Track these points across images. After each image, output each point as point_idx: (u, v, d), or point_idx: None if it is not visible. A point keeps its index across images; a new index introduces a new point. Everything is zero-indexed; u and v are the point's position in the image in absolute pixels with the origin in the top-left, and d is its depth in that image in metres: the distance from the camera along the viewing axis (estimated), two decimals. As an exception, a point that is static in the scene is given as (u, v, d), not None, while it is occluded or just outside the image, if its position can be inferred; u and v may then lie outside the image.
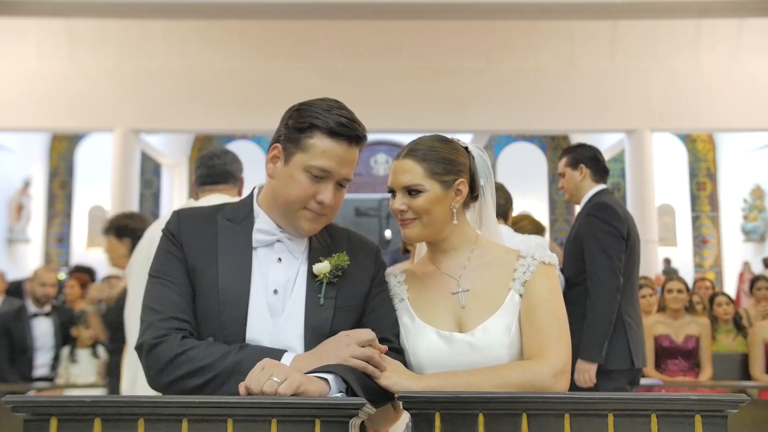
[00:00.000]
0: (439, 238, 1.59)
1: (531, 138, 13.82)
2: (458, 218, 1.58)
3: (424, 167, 1.53)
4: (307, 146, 1.41)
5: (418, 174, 1.53)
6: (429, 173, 1.53)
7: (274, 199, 1.47)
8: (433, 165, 1.54)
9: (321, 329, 1.44)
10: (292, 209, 1.44)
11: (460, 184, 1.56)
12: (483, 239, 1.63)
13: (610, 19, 9.80)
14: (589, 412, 1.14)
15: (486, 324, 1.50)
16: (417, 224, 1.55)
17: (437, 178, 1.53)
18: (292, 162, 1.43)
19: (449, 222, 1.57)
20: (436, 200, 1.53)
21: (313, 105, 1.44)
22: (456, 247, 1.60)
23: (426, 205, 1.53)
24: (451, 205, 1.56)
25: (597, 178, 3.34)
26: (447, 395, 1.18)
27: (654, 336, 4.76)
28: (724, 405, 1.13)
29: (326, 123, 1.40)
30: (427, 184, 1.53)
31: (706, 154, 13.48)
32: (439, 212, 1.54)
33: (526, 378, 1.40)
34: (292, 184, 1.42)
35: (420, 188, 1.53)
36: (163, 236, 1.49)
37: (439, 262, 1.61)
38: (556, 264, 1.57)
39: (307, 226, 1.46)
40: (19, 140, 12.39)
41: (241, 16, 9.22)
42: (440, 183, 1.54)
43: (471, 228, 1.64)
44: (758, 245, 12.26)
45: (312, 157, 1.41)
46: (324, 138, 1.41)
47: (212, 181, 2.74)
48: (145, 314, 1.41)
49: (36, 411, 1.13)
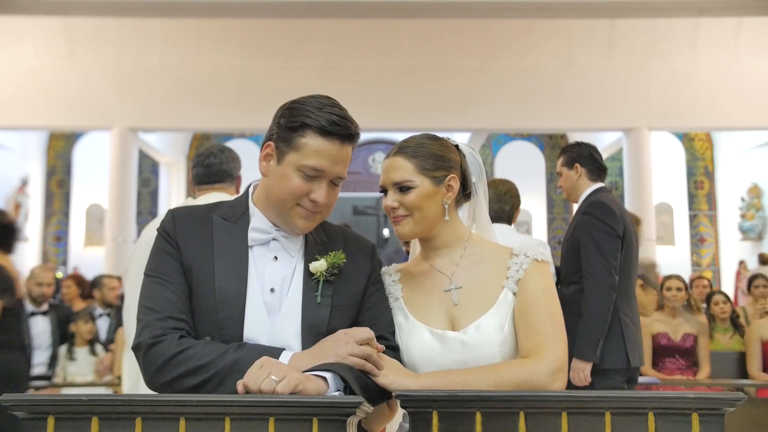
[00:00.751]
0: (431, 234, 1.59)
1: (529, 137, 13.82)
2: (450, 215, 1.58)
3: (414, 163, 1.54)
4: (300, 145, 1.41)
5: (408, 170, 1.54)
6: (419, 169, 1.54)
7: (267, 197, 1.47)
8: (423, 161, 1.54)
9: (318, 327, 1.44)
10: (286, 207, 1.44)
11: (451, 180, 1.57)
12: (476, 237, 1.63)
13: (608, 18, 9.81)
14: (587, 410, 1.14)
15: (479, 322, 1.50)
16: (409, 221, 1.56)
17: (427, 173, 1.54)
18: (285, 161, 1.42)
19: (441, 218, 1.57)
20: (427, 196, 1.54)
21: (305, 103, 1.43)
22: (448, 244, 1.60)
23: (417, 200, 1.54)
24: (442, 201, 1.56)
25: (594, 177, 3.34)
26: (444, 394, 1.18)
27: (652, 334, 4.76)
28: (721, 403, 1.13)
29: (318, 122, 1.40)
30: (418, 180, 1.54)
31: (704, 152, 13.50)
32: (431, 208, 1.55)
33: (523, 377, 1.40)
34: (285, 183, 1.42)
35: (410, 184, 1.54)
36: (158, 235, 1.48)
37: (431, 260, 1.62)
38: (550, 261, 1.58)
39: (302, 224, 1.46)
40: (17, 138, 12.37)
41: (239, 15, 9.21)
42: (430, 179, 1.54)
43: (463, 226, 1.64)
44: (756, 244, 12.28)
45: (304, 157, 1.40)
46: (316, 137, 1.40)
47: (209, 181, 2.72)
48: (142, 314, 1.41)
49: (33, 410, 1.13)
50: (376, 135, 12.61)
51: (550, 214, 13.59)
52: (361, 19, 9.44)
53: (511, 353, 1.51)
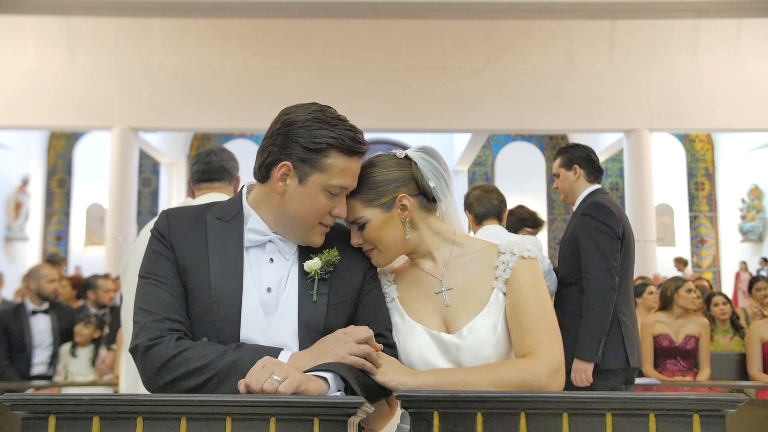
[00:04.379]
0: (406, 251, 1.60)
1: (530, 137, 13.84)
2: (419, 226, 1.58)
3: (360, 199, 1.54)
4: (326, 166, 1.41)
5: (356, 208, 1.54)
6: (365, 203, 1.54)
7: (282, 214, 1.46)
8: (366, 194, 1.54)
9: (315, 326, 1.44)
10: (309, 226, 1.45)
11: (402, 199, 1.55)
12: (461, 236, 1.63)
13: (609, 20, 9.82)
14: (588, 411, 1.14)
15: (472, 324, 1.51)
16: (377, 252, 1.56)
17: (374, 204, 1.54)
18: (309, 182, 1.42)
19: (404, 238, 1.57)
20: (383, 224, 1.54)
21: (318, 120, 1.42)
22: (431, 249, 1.60)
23: (375, 233, 1.54)
24: (401, 222, 1.56)
25: (591, 179, 3.36)
26: (445, 394, 1.18)
27: (653, 335, 4.76)
28: (722, 405, 1.13)
29: (342, 142, 1.41)
30: (368, 213, 1.53)
31: (705, 154, 13.50)
32: (391, 234, 1.55)
33: (522, 377, 1.40)
34: (311, 203, 1.43)
35: (362, 220, 1.54)
36: (152, 237, 1.48)
37: (420, 264, 1.62)
38: (537, 257, 1.57)
39: (319, 239, 1.49)
40: (18, 138, 12.38)
41: (239, 15, 9.22)
42: (379, 207, 1.54)
43: (444, 225, 1.62)
44: (756, 245, 12.29)
45: (331, 177, 1.42)
46: (341, 156, 1.42)
47: (209, 178, 2.73)
48: (138, 316, 1.40)
49: (34, 409, 1.13)
50: (376, 135, 12.62)
51: (550, 215, 13.60)
52: (361, 19, 9.45)
53: (505, 353, 1.51)
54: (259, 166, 1.46)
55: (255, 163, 1.48)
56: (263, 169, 1.45)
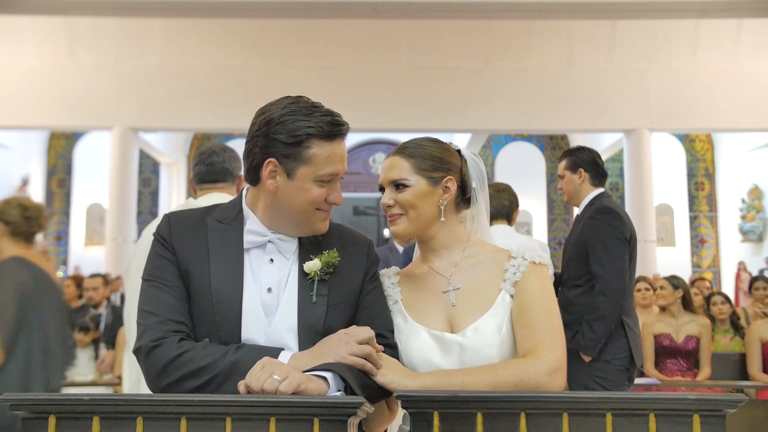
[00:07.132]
0: (427, 235, 1.61)
1: (530, 137, 13.83)
2: (447, 216, 1.59)
3: (412, 163, 1.57)
4: (309, 157, 1.42)
5: (404, 169, 1.56)
6: (416, 168, 1.56)
7: (278, 210, 1.47)
8: (420, 161, 1.57)
9: (314, 327, 1.44)
10: (307, 215, 1.46)
11: (448, 182, 1.58)
12: (475, 239, 1.64)
13: (609, 19, 9.82)
14: (588, 411, 1.14)
15: (477, 324, 1.51)
16: (404, 219, 1.57)
17: (424, 173, 1.56)
18: (298, 176, 1.43)
19: (436, 219, 1.58)
20: (422, 195, 1.56)
21: (293, 113, 1.42)
22: (446, 246, 1.61)
23: (412, 199, 1.55)
24: (438, 202, 1.58)
25: (596, 182, 3.39)
26: (446, 394, 1.18)
27: (654, 334, 4.76)
28: (722, 405, 1.13)
29: (321, 129, 1.41)
30: (413, 179, 1.56)
31: (705, 154, 13.50)
32: (426, 208, 1.57)
33: (520, 377, 1.40)
34: (305, 195, 1.44)
35: (406, 182, 1.56)
36: (155, 240, 1.50)
37: (430, 262, 1.63)
38: (548, 264, 1.58)
39: (323, 225, 1.50)
40: (17, 138, 12.38)
41: (239, 15, 9.22)
42: (427, 179, 1.56)
43: (462, 228, 1.65)
44: (756, 245, 12.29)
45: (318, 167, 1.42)
46: (323, 144, 1.42)
47: (211, 179, 2.72)
48: (142, 318, 1.42)
49: (34, 409, 1.13)
50: (376, 135, 12.62)
51: (550, 215, 13.59)
52: (361, 19, 9.45)
53: (509, 355, 1.51)
54: (247, 170, 1.48)
55: (243, 168, 1.50)
56: (252, 172, 1.46)
